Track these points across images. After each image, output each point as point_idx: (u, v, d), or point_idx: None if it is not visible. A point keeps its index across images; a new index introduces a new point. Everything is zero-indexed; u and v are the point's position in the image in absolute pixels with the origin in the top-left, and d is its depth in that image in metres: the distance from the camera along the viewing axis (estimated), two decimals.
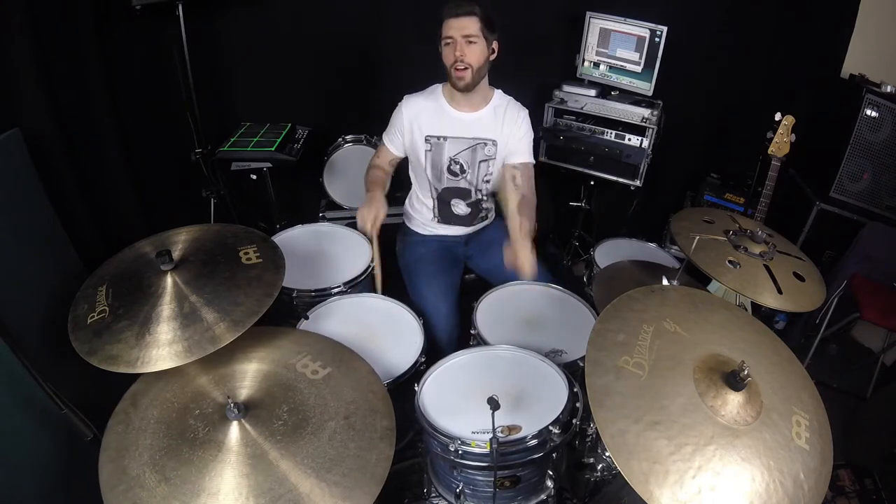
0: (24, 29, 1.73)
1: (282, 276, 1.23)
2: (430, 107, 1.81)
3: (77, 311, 1.15)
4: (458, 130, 1.81)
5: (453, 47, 1.67)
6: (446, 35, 1.67)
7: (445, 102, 1.81)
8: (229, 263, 1.23)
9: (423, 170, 1.86)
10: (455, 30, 1.65)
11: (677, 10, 2.34)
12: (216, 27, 2.31)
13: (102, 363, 1.04)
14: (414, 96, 1.84)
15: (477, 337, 1.58)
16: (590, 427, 1.37)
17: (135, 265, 1.23)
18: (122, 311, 1.11)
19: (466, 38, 1.66)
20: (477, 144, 1.82)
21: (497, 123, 1.82)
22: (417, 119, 1.81)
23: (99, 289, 1.18)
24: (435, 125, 1.81)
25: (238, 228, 1.37)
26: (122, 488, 0.91)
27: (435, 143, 1.81)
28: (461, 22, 1.65)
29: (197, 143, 2.24)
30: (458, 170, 1.85)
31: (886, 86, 2.19)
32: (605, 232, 2.36)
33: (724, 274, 1.32)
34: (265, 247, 1.30)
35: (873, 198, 2.27)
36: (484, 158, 1.84)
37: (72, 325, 1.13)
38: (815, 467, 0.90)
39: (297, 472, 0.94)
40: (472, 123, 1.81)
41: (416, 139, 1.82)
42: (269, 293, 1.16)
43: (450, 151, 1.82)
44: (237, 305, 1.12)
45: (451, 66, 1.69)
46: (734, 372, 0.92)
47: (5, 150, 1.56)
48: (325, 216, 2.47)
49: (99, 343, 1.06)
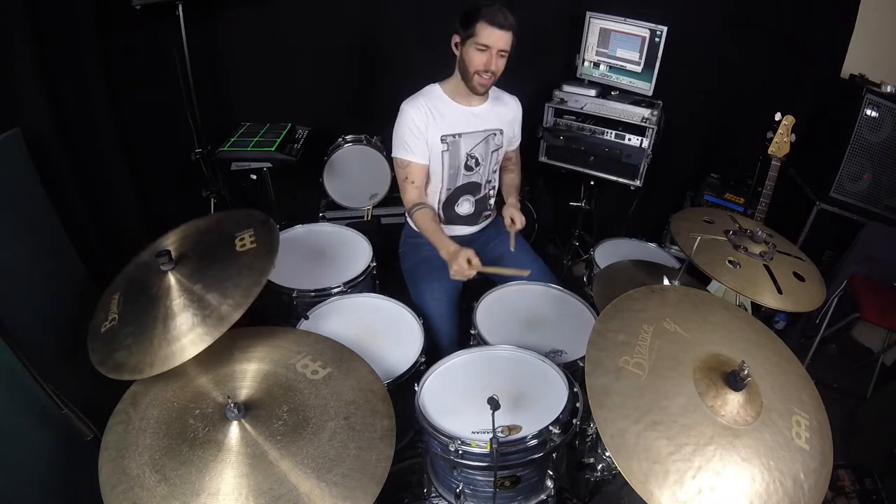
0: (24, 29, 1.73)
1: (272, 261, 1.20)
2: (437, 106, 1.77)
3: (97, 319, 1.19)
4: (469, 125, 1.80)
5: (486, 55, 1.64)
6: (482, 42, 1.63)
7: (449, 99, 1.79)
8: (225, 252, 1.23)
9: (440, 172, 1.81)
10: (494, 40, 1.62)
11: (677, 11, 2.34)
12: (216, 27, 2.31)
13: (111, 372, 1.07)
14: (413, 100, 1.78)
15: (477, 337, 1.58)
16: (590, 427, 1.37)
17: (142, 271, 1.24)
18: (129, 318, 1.13)
19: (501, 51, 1.65)
20: (488, 136, 1.84)
21: (498, 112, 1.85)
22: (429, 121, 1.75)
23: (114, 296, 1.21)
24: (448, 124, 1.77)
25: (240, 213, 1.36)
26: (122, 488, 0.91)
27: (451, 142, 1.78)
28: (504, 36, 1.63)
29: (197, 143, 2.24)
30: (474, 164, 1.84)
31: (886, 86, 2.19)
32: (605, 232, 2.36)
33: (724, 274, 1.32)
34: (262, 230, 1.28)
35: (873, 198, 2.27)
36: (495, 148, 1.87)
37: (91, 335, 1.16)
38: (815, 467, 0.90)
39: (297, 472, 0.94)
40: (479, 115, 1.82)
41: (432, 141, 1.77)
42: (258, 281, 1.15)
43: (466, 147, 1.81)
44: (237, 287, 1.13)
45: (477, 71, 1.67)
46: (734, 372, 0.92)
47: (5, 150, 1.56)
48: (325, 216, 2.47)
49: (107, 351, 1.09)
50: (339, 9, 2.38)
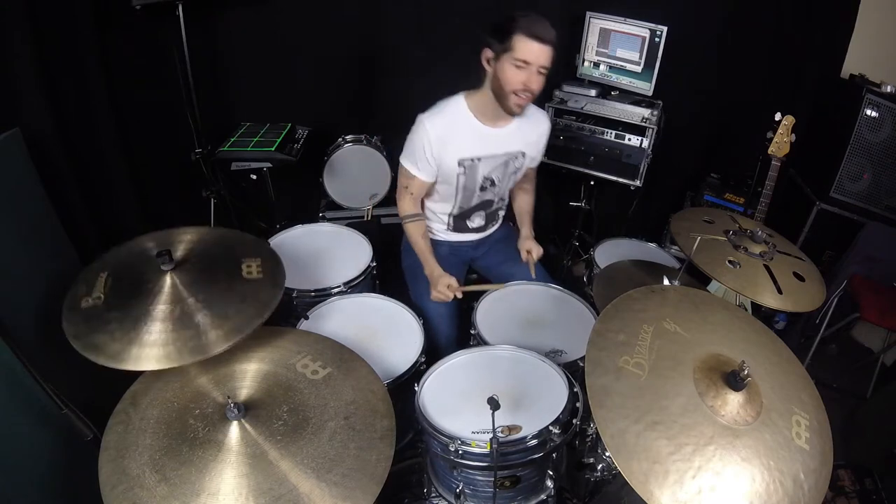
0: (24, 29, 1.73)
1: (276, 298, 1.19)
2: (458, 127, 1.62)
3: (76, 290, 1.15)
4: (491, 148, 1.68)
5: (526, 73, 1.49)
6: (521, 57, 1.47)
7: (475, 119, 1.63)
8: (230, 274, 1.21)
9: (453, 193, 1.75)
10: (535, 55, 1.46)
11: (677, 11, 2.34)
12: (216, 27, 2.31)
13: (86, 350, 1.03)
14: (433, 116, 1.63)
15: (477, 337, 1.58)
16: (590, 427, 1.37)
17: (138, 259, 1.22)
18: (116, 303, 1.11)
19: (542, 67, 1.49)
20: (509, 159, 1.73)
21: (524, 132, 1.72)
22: (446, 142, 1.62)
23: (101, 274, 1.18)
24: (468, 146, 1.64)
25: (249, 238, 1.36)
26: (122, 488, 0.91)
27: (469, 166, 1.67)
28: (546, 51, 1.47)
29: (197, 143, 2.24)
30: (489, 185, 1.76)
31: (886, 86, 2.19)
32: (605, 232, 2.36)
33: (724, 274, 1.32)
34: (270, 262, 1.28)
35: (873, 198, 2.27)
36: (514, 171, 1.79)
37: (67, 305, 1.12)
38: (815, 467, 0.90)
39: (297, 472, 0.94)
40: (503, 137, 1.69)
41: (447, 164, 1.65)
42: (260, 314, 1.13)
43: (483, 170, 1.71)
44: (226, 319, 1.11)
45: (514, 90, 1.52)
46: (734, 372, 0.92)
47: (5, 150, 1.56)
48: (325, 216, 2.47)
49: (86, 329, 1.06)
50: (339, 9, 2.38)
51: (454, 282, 1.67)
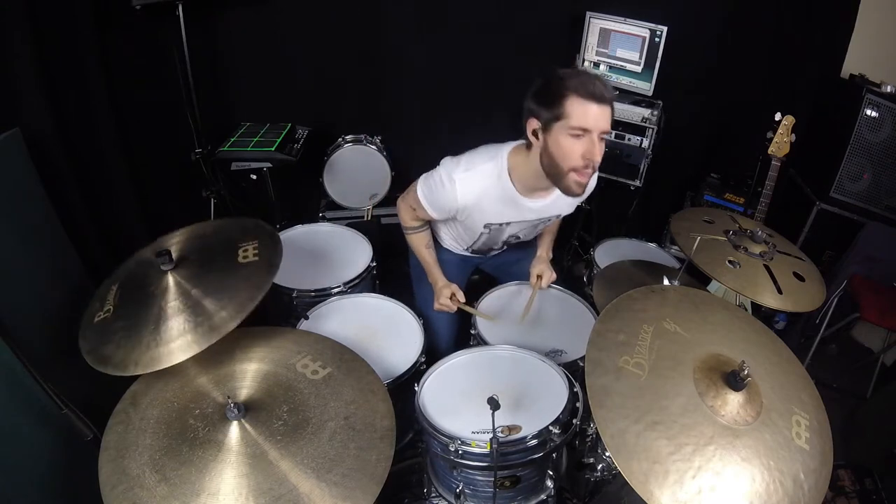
0: (24, 29, 1.73)
1: (270, 279, 1.19)
2: (491, 196, 1.44)
3: (91, 308, 1.18)
4: (524, 215, 1.52)
5: (587, 142, 1.24)
6: (579, 125, 1.23)
7: (512, 188, 1.43)
8: (227, 261, 1.22)
9: (473, 239, 1.66)
10: (594, 119, 1.22)
11: (677, 11, 2.34)
12: (216, 27, 2.31)
13: (96, 363, 1.06)
14: (466, 181, 1.41)
15: (477, 337, 1.58)
16: (590, 427, 1.37)
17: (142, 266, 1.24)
18: (122, 312, 1.12)
19: (603, 132, 1.26)
20: (540, 222, 1.62)
21: (567, 199, 1.52)
22: (477, 209, 1.47)
23: (112, 287, 1.21)
24: (500, 214, 1.50)
25: (249, 222, 1.35)
26: (122, 488, 0.91)
27: (496, 229, 1.57)
28: (607, 112, 1.24)
29: (197, 143, 2.24)
30: (514, 240, 1.71)
31: (886, 86, 2.19)
32: (605, 232, 2.36)
33: (724, 274, 1.32)
34: (267, 243, 1.27)
35: (873, 198, 2.27)
36: (541, 229, 1.74)
37: (84, 323, 1.15)
38: (815, 467, 0.90)
39: (297, 472, 0.94)
40: (540, 208, 1.52)
41: (473, 223, 1.53)
42: (253, 296, 1.14)
43: (510, 231, 1.61)
44: (232, 298, 1.12)
45: (573, 167, 1.28)
46: (734, 372, 0.92)
47: (5, 150, 1.56)
48: (325, 216, 2.47)
49: (97, 342, 1.08)
50: (339, 9, 2.38)
51: (459, 292, 1.65)
